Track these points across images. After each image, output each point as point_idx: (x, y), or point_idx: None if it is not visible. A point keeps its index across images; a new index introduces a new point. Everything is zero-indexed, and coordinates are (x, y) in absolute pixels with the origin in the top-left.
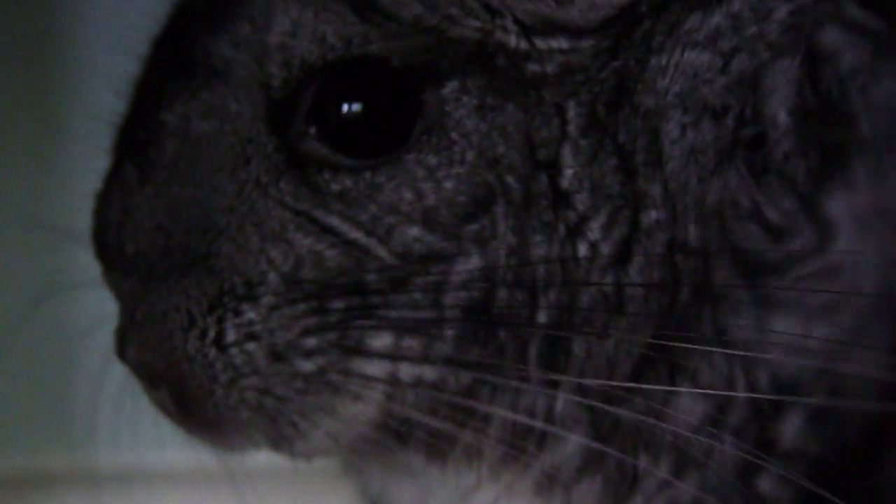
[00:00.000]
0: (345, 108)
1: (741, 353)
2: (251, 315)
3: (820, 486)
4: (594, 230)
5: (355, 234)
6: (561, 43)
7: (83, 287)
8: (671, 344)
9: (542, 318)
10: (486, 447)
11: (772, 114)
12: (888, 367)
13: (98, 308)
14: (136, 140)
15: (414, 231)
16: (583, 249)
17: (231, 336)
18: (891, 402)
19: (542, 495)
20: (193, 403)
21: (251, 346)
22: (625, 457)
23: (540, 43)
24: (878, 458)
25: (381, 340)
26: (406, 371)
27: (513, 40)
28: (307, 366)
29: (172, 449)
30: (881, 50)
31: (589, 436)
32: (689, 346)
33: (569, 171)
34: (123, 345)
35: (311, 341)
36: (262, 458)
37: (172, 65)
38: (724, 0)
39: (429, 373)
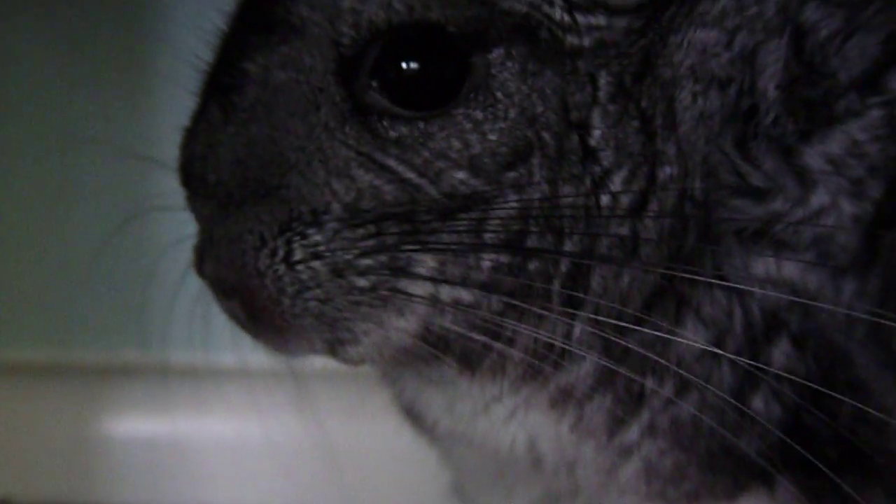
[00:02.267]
0: (404, 66)
1: (736, 286)
2: (317, 237)
3: (806, 404)
4: (616, 183)
5: (409, 175)
6: (599, 20)
7: (165, 210)
8: (679, 276)
9: (566, 258)
10: (509, 364)
11: (763, 87)
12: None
13: (176, 230)
14: (221, 85)
15: (460, 175)
16: (605, 199)
17: (298, 255)
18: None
19: (556, 409)
20: (262, 312)
21: (315, 263)
22: (634, 377)
23: (581, 19)
24: (857, 382)
25: (426, 264)
26: (446, 292)
27: (557, 14)
28: (362, 282)
29: (237, 350)
30: (852, 15)
31: (602, 359)
32: (695, 277)
33: (597, 132)
34: (201, 261)
35: (366, 261)
36: (318, 362)
37: (256, 21)
38: None
39: (465, 295)
